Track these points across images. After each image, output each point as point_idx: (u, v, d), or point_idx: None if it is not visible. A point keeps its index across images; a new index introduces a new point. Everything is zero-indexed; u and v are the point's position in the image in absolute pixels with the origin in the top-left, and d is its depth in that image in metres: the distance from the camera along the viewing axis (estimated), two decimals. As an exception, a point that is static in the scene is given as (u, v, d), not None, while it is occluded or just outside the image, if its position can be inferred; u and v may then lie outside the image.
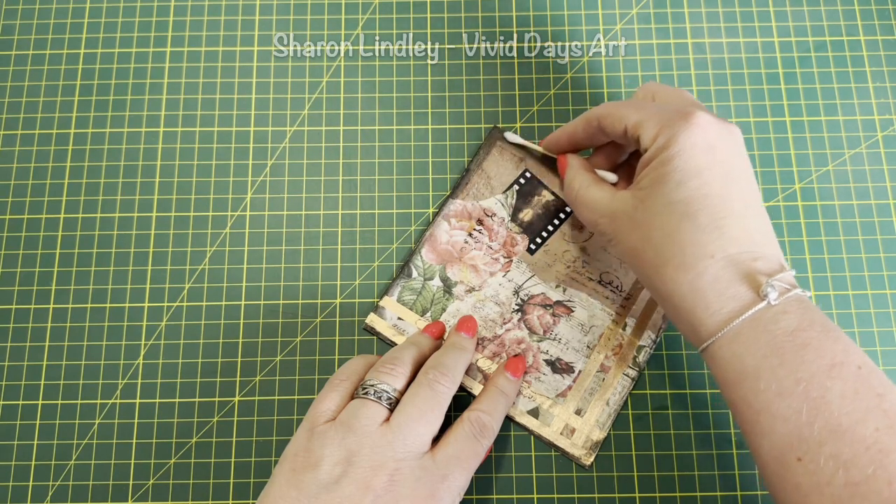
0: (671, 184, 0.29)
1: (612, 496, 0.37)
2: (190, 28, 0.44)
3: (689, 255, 0.29)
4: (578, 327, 0.39)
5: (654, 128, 0.30)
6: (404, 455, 0.30)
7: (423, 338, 0.36)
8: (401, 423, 0.30)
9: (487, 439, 0.33)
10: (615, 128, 0.33)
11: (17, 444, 0.39)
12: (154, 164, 0.42)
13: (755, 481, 0.37)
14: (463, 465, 0.31)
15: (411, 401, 0.31)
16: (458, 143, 0.42)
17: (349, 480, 0.29)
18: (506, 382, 0.36)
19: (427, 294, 0.39)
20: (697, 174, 0.29)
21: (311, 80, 0.43)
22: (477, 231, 0.40)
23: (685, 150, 0.29)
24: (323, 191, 0.42)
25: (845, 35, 0.43)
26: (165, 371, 0.39)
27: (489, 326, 0.39)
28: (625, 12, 0.44)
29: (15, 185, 0.42)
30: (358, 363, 0.34)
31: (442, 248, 0.40)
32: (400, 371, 0.33)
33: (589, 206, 0.34)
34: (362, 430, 0.30)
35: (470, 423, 0.33)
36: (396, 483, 0.29)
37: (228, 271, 0.41)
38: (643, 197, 0.31)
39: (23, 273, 0.41)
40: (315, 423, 0.31)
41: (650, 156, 0.30)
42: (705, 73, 0.43)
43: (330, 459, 0.29)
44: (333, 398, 0.32)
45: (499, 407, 0.34)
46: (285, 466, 0.30)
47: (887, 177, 0.41)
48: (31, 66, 0.44)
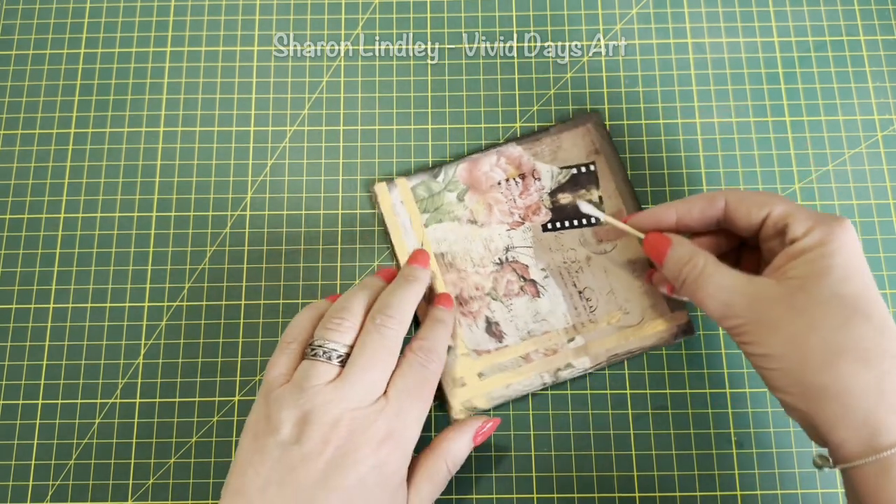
0: (834, 277, 0.29)
1: (612, 496, 0.37)
2: (190, 28, 0.44)
3: (871, 351, 0.28)
4: (533, 312, 0.39)
5: (807, 221, 0.30)
6: (357, 404, 0.31)
7: (375, 280, 0.36)
8: (351, 375, 0.31)
9: (434, 363, 0.33)
10: (751, 215, 0.32)
11: (17, 444, 0.39)
12: (154, 164, 0.42)
13: (755, 481, 0.37)
14: (414, 395, 0.32)
15: (360, 351, 0.32)
16: (458, 142, 0.42)
17: (307, 438, 0.30)
18: (441, 312, 0.36)
19: (438, 201, 0.40)
20: (858, 274, 0.29)
21: (311, 80, 0.43)
22: (515, 181, 0.40)
23: (845, 248, 0.29)
24: (323, 191, 0.42)
25: (845, 35, 0.43)
26: (165, 371, 0.39)
27: (465, 260, 0.39)
28: (625, 12, 0.44)
29: (15, 185, 0.42)
30: (304, 319, 0.34)
31: (478, 174, 0.40)
32: (347, 325, 0.33)
33: (720, 287, 0.31)
34: (314, 389, 0.31)
35: (413, 352, 0.33)
36: (354, 432, 0.30)
37: (228, 271, 0.41)
38: (799, 286, 0.29)
39: (23, 273, 0.41)
40: (270, 389, 0.32)
41: (803, 247, 0.30)
42: (705, 73, 0.43)
43: (288, 422, 0.30)
44: (284, 362, 0.33)
45: (438, 333, 0.35)
46: (248, 436, 0.31)
47: (887, 177, 0.41)
48: (31, 66, 0.44)
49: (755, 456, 0.38)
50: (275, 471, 0.29)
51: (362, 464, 0.30)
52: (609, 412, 0.38)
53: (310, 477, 0.29)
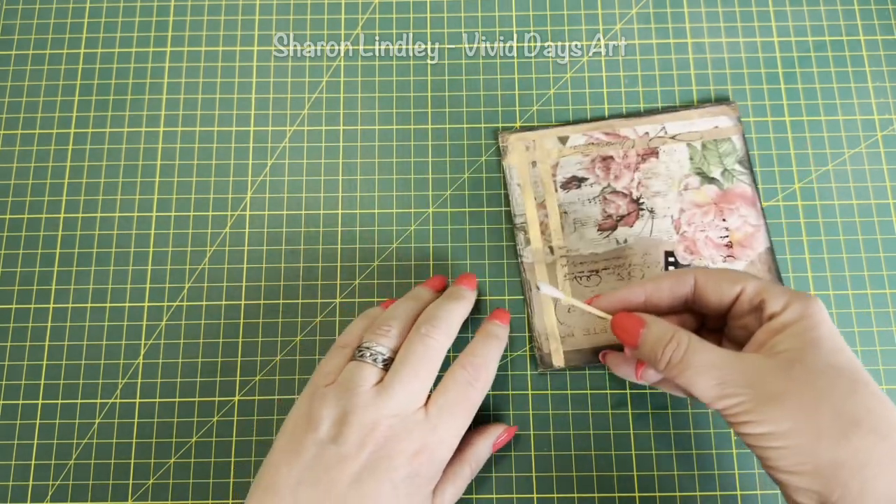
0: (825, 349, 0.28)
1: (611, 496, 0.37)
2: (190, 28, 0.44)
3: (882, 421, 0.27)
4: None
5: (782, 296, 0.30)
6: (396, 412, 0.31)
7: (423, 291, 0.37)
8: (393, 382, 0.31)
9: (481, 382, 0.33)
10: (722, 292, 0.31)
11: (17, 444, 0.39)
12: (154, 164, 0.42)
13: (755, 481, 0.37)
14: (455, 412, 0.32)
15: (403, 358, 0.32)
16: (458, 142, 0.42)
17: (345, 438, 0.30)
18: (496, 328, 0.36)
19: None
20: (844, 347, 0.29)
21: (310, 80, 0.43)
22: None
23: (826, 322, 0.29)
24: (323, 191, 0.42)
25: (845, 35, 0.43)
26: (165, 371, 0.39)
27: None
28: (625, 12, 0.44)
29: (15, 185, 0.42)
30: (358, 326, 0.35)
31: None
32: (394, 331, 0.33)
33: (710, 365, 0.29)
34: (357, 390, 0.31)
35: (462, 368, 0.33)
36: (390, 439, 0.30)
37: (228, 271, 0.41)
38: (793, 358, 0.28)
39: (23, 273, 0.41)
40: (316, 387, 0.32)
41: (784, 322, 0.29)
42: (705, 73, 0.43)
43: (328, 420, 0.30)
44: (333, 362, 0.33)
45: (491, 349, 0.34)
46: (286, 433, 0.31)
47: (887, 176, 0.41)
48: (31, 66, 0.44)
49: (755, 456, 0.38)
50: (310, 469, 0.29)
51: (396, 472, 0.30)
52: (609, 412, 0.38)
53: (344, 478, 0.29)
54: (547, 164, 0.41)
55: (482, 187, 0.41)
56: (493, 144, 0.42)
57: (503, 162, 0.41)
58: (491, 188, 0.41)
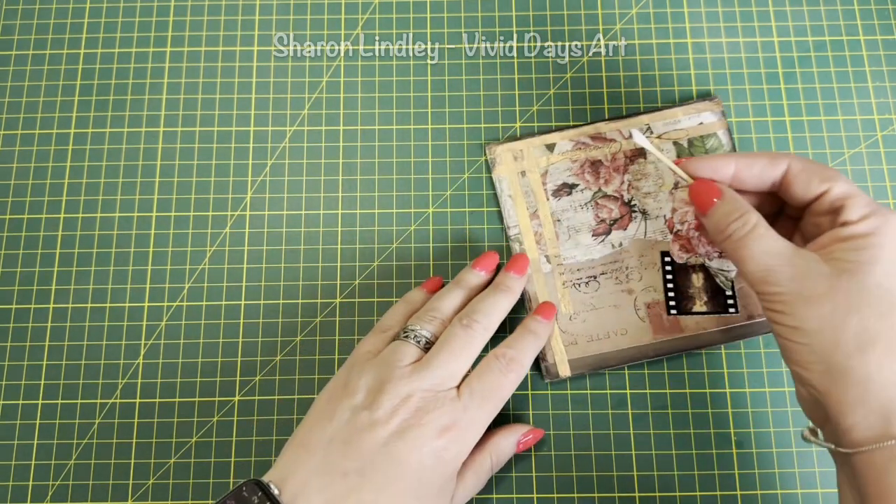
0: (881, 268, 0.29)
1: (611, 496, 0.37)
2: (190, 28, 0.44)
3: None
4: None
5: (865, 207, 0.30)
6: (430, 387, 0.32)
7: (472, 275, 0.38)
8: (430, 359, 0.33)
9: (514, 373, 0.34)
10: (810, 186, 0.31)
11: (17, 444, 0.39)
12: (154, 164, 0.42)
13: (755, 481, 0.37)
14: (486, 397, 0.33)
15: (443, 342, 0.34)
16: (458, 142, 0.42)
17: (378, 405, 0.31)
18: (536, 324, 0.36)
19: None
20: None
21: (311, 80, 0.43)
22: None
23: (892, 241, 0.29)
24: (323, 191, 0.42)
25: (845, 35, 0.43)
26: (165, 371, 0.39)
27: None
28: (625, 12, 0.44)
29: (15, 185, 0.42)
30: (399, 310, 0.37)
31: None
32: (438, 320, 0.35)
33: (767, 251, 0.30)
34: (396, 363, 0.33)
35: (496, 357, 0.34)
36: (421, 410, 0.31)
37: (228, 271, 0.41)
38: (845, 269, 0.29)
39: (23, 273, 0.41)
40: (356, 362, 0.34)
41: (854, 233, 0.29)
42: (705, 73, 0.43)
43: (364, 388, 0.32)
44: (374, 342, 0.35)
45: (527, 344, 0.35)
46: (323, 397, 0.33)
47: (887, 176, 0.41)
48: (31, 66, 0.44)
49: (755, 456, 0.38)
50: (342, 429, 0.31)
51: (424, 442, 0.31)
52: (609, 412, 0.38)
53: (374, 442, 0.30)
54: (536, 172, 0.40)
55: (482, 187, 0.41)
56: (493, 144, 0.42)
57: (493, 174, 0.41)
58: (491, 188, 0.41)
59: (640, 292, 0.39)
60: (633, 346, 0.38)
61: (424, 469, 0.31)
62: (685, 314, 0.38)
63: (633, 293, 0.39)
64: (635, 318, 0.38)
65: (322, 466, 0.30)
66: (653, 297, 0.39)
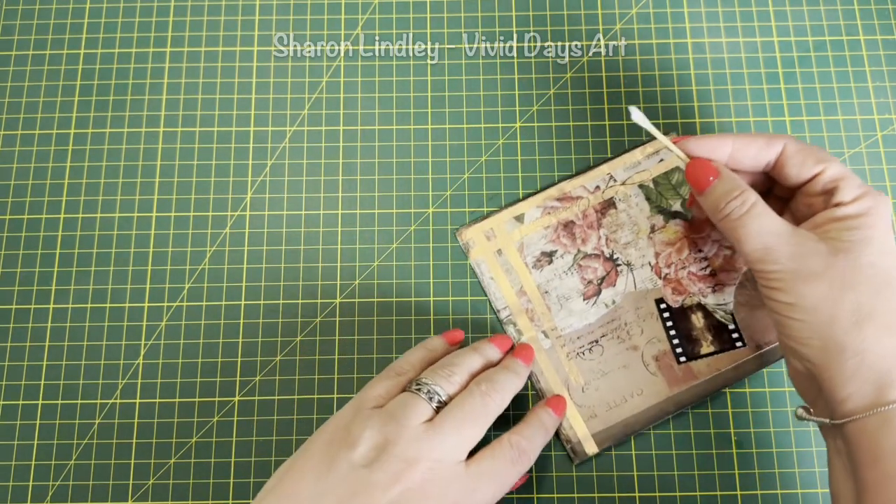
0: (875, 248, 0.30)
1: (611, 496, 0.37)
2: (190, 28, 0.44)
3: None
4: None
5: (857, 189, 0.31)
6: (440, 456, 0.30)
7: (488, 347, 0.36)
8: (444, 424, 0.31)
9: (522, 466, 0.33)
10: (804, 167, 0.32)
11: (17, 444, 0.39)
12: (154, 164, 0.42)
13: (755, 481, 0.37)
14: (494, 483, 0.31)
15: (459, 406, 0.32)
16: (458, 142, 0.42)
17: (380, 467, 0.29)
18: (548, 418, 0.35)
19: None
20: (893, 249, 0.30)
21: (311, 80, 0.43)
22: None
23: (886, 222, 0.30)
24: (323, 191, 0.42)
25: (845, 35, 0.43)
26: (165, 371, 0.39)
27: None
28: (625, 12, 0.44)
29: (15, 185, 0.42)
30: (416, 356, 0.35)
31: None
32: (456, 378, 0.33)
33: (764, 230, 0.31)
34: (405, 422, 0.30)
35: (510, 445, 0.33)
36: (427, 482, 0.29)
37: (228, 271, 0.41)
38: (841, 248, 0.30)
39: (23, 273, 0.41)
40: (362, 406, 0.32)
41: (848, 213, 0.30)
42: (705, 73, 0.43)
43: (367, 442, 0.30)
44: (385, 386, 0.33)
45: (539, 438, 0.34)
46: (321, 441, 0.31)
47: (887, 176, 0.41)
48: (31, 66, 0.44)
49: (755, 456, 0.38)
50: (336, 487, 0.29)
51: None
52: (609, 412, 0.38)
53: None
54: (512, 247, 0.39)
55: (482, 187, 0.41)
56: (494, 144, 0.42)
57: (469, 260, 0.40)
58: (491, 188, 0.41)
59: (645, 346, 0.38)
60: (653, 405, 0.37)
61: None
62: (695, 359, 0.38)
63: (638, 349, 0.38)
64: (647, 374, 0.38)
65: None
66: (659, 349, 0.38)
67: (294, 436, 0.38)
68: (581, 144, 0.42)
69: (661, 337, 0.38)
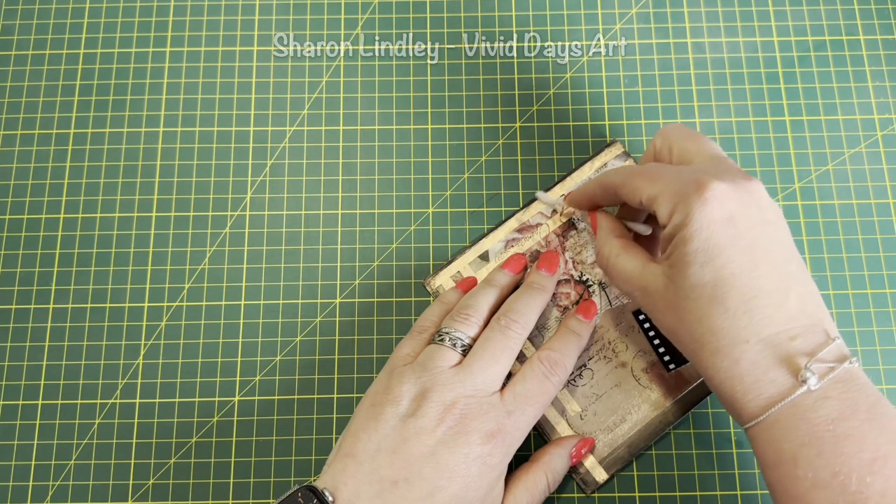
0: (695, 265, 0.28)
1: (611, 496, 0.37)
2: (190, 28, 0.44)
3: (723, 340, 0.28)
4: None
5: (668, 204, 0.29)
6: (473, 392, 0.32)
7: (502, 275, 0.37)
8: (472, 364, 0.32)
9: (558, 377, 0.34)
10: (632, 199, 0.32)
11: (17, 444, 0.39)
12: (154, 164, 0.42)
13: (755, 481, 0.37)
14: (530, 401, 0.33)
15: (483, 345, 0.33)
16: (458, 142, 0.42)
17: (423, 413, 0.31)
18: (577, 323, 0.36)
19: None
20: (720, 253, 0.28)
21: (310, 80, 0.43)
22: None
23: (703, 227, 0.28)
24: (323, 191, 0.42)
25: (845, 35, 0.43)
26: (165, 371, 0.39)
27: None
28: (624, 12, 0.44)
29: (15, 185, 0.42)
30: (435, 311, 0.36)
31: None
32: (474, 319, 0.34)
33: (621, 277, 0.33)
34: (436, 370, 0.32)
35: (539, 361, 0.34)
36: (465, 416, 0.31)
37: (228, 271, 0.41)
38: (671, 275, 0.30)
39: (23, 273, 0.41)
40: (395, 366, 0.33)
41: (669, 233, 0.30)
42: (705, 73, 0.43)
43: (408, 395, 0.32)
44: (412, 345, 0.35)
45: (570, 346, 0.35)
46: (366, 403, 0.33)
47: (887, 176, 0.41)
48: (31, 66, 0.44)
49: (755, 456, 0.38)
50: (388, 438, 0.31)
51: (470, 448, 0.31)
52: (609, 412, 0.38)
53: (421, 449, 0.30)
54: None
55: (482, 187, 0.41)
56: (494, 144, 0.42)
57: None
58: (491, 188, 0.41)
59: (633, 361, 0.37)
60: (653, 419, 0.37)
61: (471, 476, 0.30)
62: (683, 363, 0.37)
63: (626, 365, 0.37)
64: (640, 388, 0.37)
65: (371, 476, 0.30)
66: (647, 361, 0.37)
67: (294, 436, 0.38)
68: (581, 144, 0.42)
69: (647, 348, 0.38)
